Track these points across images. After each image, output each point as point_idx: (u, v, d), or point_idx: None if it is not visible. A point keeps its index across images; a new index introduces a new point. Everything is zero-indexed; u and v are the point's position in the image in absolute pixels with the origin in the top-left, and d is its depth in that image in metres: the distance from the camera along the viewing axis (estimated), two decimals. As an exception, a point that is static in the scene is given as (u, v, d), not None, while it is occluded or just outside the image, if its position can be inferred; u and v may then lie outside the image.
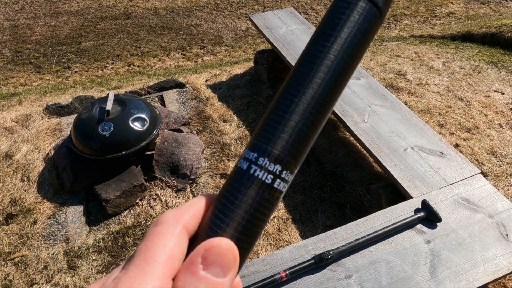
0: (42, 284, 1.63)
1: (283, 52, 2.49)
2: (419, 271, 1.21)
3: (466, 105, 2.61)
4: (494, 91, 2.77)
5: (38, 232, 1.86)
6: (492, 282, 1.21)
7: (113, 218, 1.93)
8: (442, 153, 1.67)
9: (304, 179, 2.09)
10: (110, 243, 1.81)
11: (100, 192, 1.92)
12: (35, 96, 3.09)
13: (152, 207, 1.96)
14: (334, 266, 1.22)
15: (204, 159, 2.25)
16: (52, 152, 2.24)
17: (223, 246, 0.21)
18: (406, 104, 2.53)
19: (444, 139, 1.87)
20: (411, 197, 1.48)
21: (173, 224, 0.22)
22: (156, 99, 2.78)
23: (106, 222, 1.91)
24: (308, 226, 1.86)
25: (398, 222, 1.32)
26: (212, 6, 6.44)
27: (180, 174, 2.07)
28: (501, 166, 2.10)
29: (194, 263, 0.21)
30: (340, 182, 2.07)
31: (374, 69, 3.03)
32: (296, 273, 1.17)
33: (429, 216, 1.35)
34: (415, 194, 1.48)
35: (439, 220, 1.34)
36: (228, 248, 0.21)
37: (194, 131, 2.39)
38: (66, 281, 1.64)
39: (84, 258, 1.75)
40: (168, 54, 5.18)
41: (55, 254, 1.76)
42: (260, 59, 2.87)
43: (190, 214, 0.23)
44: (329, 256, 1.20)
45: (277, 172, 0.22)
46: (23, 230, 1.86)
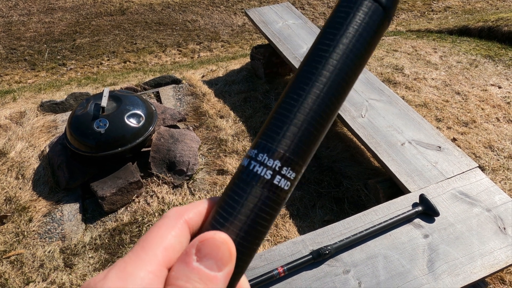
0: (38, 282, 1.62)
1: (280, 47, 2.47)
2: (417, 265, 1.21)
3: (463, 99, 2.61)
4: (491, 85, 2.77)
5: (33, 230, 1.84)
6: (490, 275, 1.21)
7: (109, 215, 1.91)
8: (440, 147, 1.66)
9: (302, 174, 2.08)
10: (106, 241, 1.79)
11: (96, 190, 1.91)
12: (30, 93, 3.06)
13: (148, 204, 1.95)
14: (332, 261, 1.21)
15: (201, 155, 2.24)
16: (47, 149, 2.22)
17: (217, 238, 0.21)
18: (403, 99, 2.52)
19: (442, 133, 1.87)
20: (409, 191, 1.47)
21: (174, 218, 0.23)
22: (152, 95, 2.76)
23: (102, 219, 1.90)
24: (306, 221, 1.86)
25: (396, 217, 1.31)
26: (208, 2, 6.40)
27: (176, 171, 2.06)
28: (498, 160, 2.10)
29: (188, 254, 0.21)
30: (337, 177, 2.06)
31: (371, 63, 3.02)
32: (294, 268, 1.17)
33: (427, 211, 1.35)
34: (412, 189, 1.48)
35: (437, 214, 1.33)
36: (222, 241, 0.21)
37: (191, 127, 2.37)
38: (62, 279, 1.63)
39: (81, 255, 1.73)
40: (164, 50, 5.15)
41: (51, 252, 1.74)
42: (256, 54, 2.85)
43: (194, 211, 0.24)
44: (326, 251, 1.19)
45: (276, 168, 0.22)
46: (18, 228, 1.84)
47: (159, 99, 2.72)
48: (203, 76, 3.09)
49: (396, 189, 1.61)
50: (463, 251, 1.24)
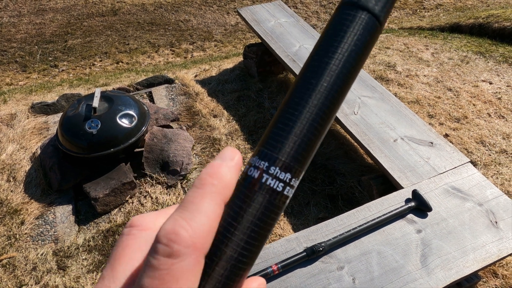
0: (31, 285, 1.60)
1: (272, 45, 2.47)
2: (411, 260, 1.21)
3: (455, 95, 2.62)
4: (482, 81, 2.79)
5: (26, 233, 1.82)
6: (482, 269, 1.22)
7: (103, 216, 1.90)
8: (432, 143, 1.67)
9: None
10: (100, 242, 1.78)
11: (89, 191, 1.89)
12: (20, 95, 3.02)
13: (142, 205, 1.94)
14: (326, 258, 1.21)
15: (194, 155, 2.23)
16: (39, 151, 2.19)
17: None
18: (396, 96, 2.54)
19: (434, 129, 1.88)
20: (402, 187, 1.48)
21: (144, 238, 0.23)
22: (145, 95, 2.74)
23: (95, 221, 1.88)
24: (300, 219, 1.86)
25: (389, 213, 1.32)
26: (200, 1, 6.37)
27: (170, 171, 2.05)
28: (490, 155, 2.12)
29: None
30: (331, 174, 2.06)
31: (363, 61, 3.03)
32: (288, 266, 1.17)
33: (419, 206, 1.35)
34: (405, 184, 1.48)
35: (430, 209, 1.34)
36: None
37: (184, 127, 2.36)
38: (55, 281, 1.61)
39: (74, 257, 1.72)
40: (157, 50, 5.12)
41: (44, 254, 1.72)
42: (249, 53, 2.84)
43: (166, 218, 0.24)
44: (320, 248, 1.19)
45: (287, 180, 0.23)
46: (10, 231, 1.82)
47: (151, 99, 2.70)
48: (196, 76, 3.07)
49: (389, 185, 1.62)
50: (455, 246, 1.25)
